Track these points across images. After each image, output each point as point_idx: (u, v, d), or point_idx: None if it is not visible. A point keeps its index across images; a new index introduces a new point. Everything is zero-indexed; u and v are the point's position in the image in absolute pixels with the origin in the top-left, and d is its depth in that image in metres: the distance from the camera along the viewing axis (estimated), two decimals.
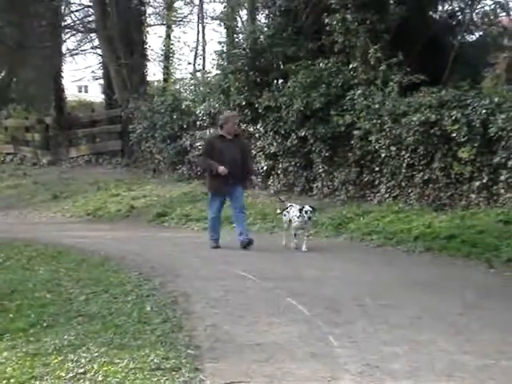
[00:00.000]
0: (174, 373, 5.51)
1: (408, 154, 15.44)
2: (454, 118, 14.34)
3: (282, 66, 19.58)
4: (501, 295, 8.95)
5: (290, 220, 12.50)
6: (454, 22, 20.48)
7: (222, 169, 12.14)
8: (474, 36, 21.44)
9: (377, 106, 16.20)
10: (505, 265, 10.71)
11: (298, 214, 12.25)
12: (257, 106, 19.11)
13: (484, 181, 14.04)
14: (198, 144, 21.53)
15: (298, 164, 18.65)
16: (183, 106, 22.82)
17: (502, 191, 13.73)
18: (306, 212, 12.13)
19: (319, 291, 9.08)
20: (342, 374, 5.68)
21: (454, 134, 14.32)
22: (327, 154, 17.51)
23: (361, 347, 6.48)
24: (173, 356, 5.95)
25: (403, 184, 15.73)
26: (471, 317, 7.71)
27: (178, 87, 26.72)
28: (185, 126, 22.48)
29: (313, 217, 12.45)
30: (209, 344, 6.53)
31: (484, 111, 13.94)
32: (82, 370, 5.59)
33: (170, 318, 7.48)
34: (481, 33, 21.36)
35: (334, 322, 7.46)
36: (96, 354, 6.00)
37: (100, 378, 5.38)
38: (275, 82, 19.93)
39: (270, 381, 5.46)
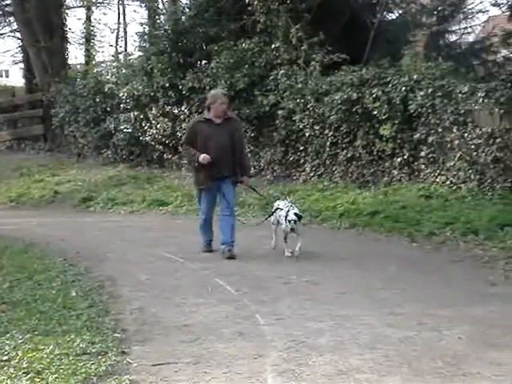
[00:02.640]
0: (100, 357, 5.49)
1: (331, 133, 15.62)
2: (374, 95, 14.56)
3: (204, 47, 19.50)
4: (423, 268, 9.17)
5: (278, 221, 10.36)
6: (373, 1, 20.70)
7: (202, 157, 9.74)
8: (393, 14, 21.74)
9: (300, 85, 16.32)
10: (426, 238, 10.98)
11: (285, 216, 10.00)
12: (181, 87, 19.02)
13: (405, 157, 14.32)
14: (123, 127, 21.33)
15: None
16: (106, 89, 22.51)
17: (423, 167, 14.03)
18: (289, 222, 9.83)
19: (246, 271, 9.15)
20: (269, 350, 5.75)
21: (375, 112, 14.54)
22: (252, 135, 17.58)
23: (287, 324, 6.57)
24: (99, 340, 5.92)
25: (327, 162, 15.92)
26: (394, 290, 7.89)
27: (100, 70, 26.32)
28: (108, 109, 22.19)
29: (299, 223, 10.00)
30: (135, 327, 6.53)
31: (404, 88, 14.19)
32: (5, 358, 5.51)
33: (96, 302, 7.44)
34: (400, 11, 21.66)
35: (261, 300, 7.54)
36: (20, 341, 5.92)
37: (25, 365, 5.32)
38: (198, 63, 19.87)
39: (197, 361, 5.49)
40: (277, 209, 10.26)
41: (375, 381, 5.00)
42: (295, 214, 9.85)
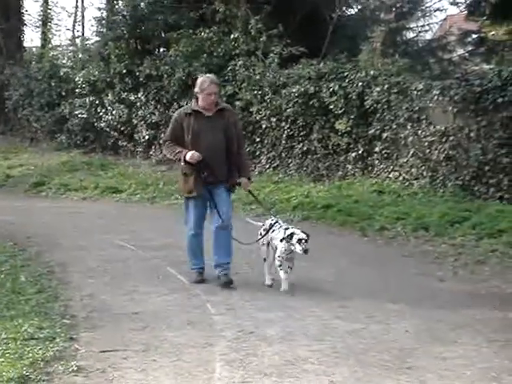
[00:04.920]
0: (48, 342, 5.45)
1: (288, 126, 15.69)
2: (331, 90, 14.65)
3: (163, 35, 19.40)
4: (373, 263, 9.26)
5: (269, 243, 7.96)
6: None
7: (190, 154, 7.71)
8: (352, 10, 21.89)
9: (258, 77, 16.35)
10: (377, 233, 11.09)
11: (283, 238, 7.62)
12: (138, 74, 18.92)
13: (359, 152, 14.45)
14: (78, 112, 21.13)
15: None
16: (61, 73, 22.29)
17: (377, 162, 14.17)
18: (299, 240, 7.43)
19: None
20: (218, 340, 5.77)
21: (332, 106, 14.64)
22: None
23: (237, 314, 6.59)
24: (47, 326, 5.88)
25: (283, 155, 15.98)
26: (344, 283, 7.96)
27: (56, 54, 26.00)
28: (63, 94, 21.98)
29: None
30: (85, 313, 6.49)
31: (360, 84, 14.30)
32: None
33: (46, 288, 7.38)
34: (359, 7, 21.82)
35: (213, 290, 7.55)
36: None
37: None
38: (156, 50, 19.77)
39: (146, 349, 5.49)
40: (270, 227, 7.89)
41: (322, 372, 5.05)
42: (304, 232, 7.59)
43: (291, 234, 7.49)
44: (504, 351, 5.63)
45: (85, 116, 21.05)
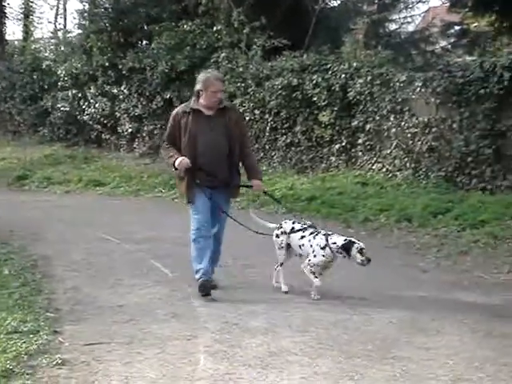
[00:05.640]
0: (31, 336, 5.44)
1: (271, 118, 15.69)
2: (314, 82, 14.66)
3: (145, 27, 19.34)
4: None
5: (289, 246, 7.42)
6: None
7: (179, 161, 7.05)
8: (335, 1, 21.92)
9: (241, 69, 16.33)
10: (361, 224, 11.13)
11: (326, 245, 7.06)
12: (120, 66, 18.86)
13: (343, 144, 14.47)
14: (60, 105, 21.04)
15: (164, 127, 18.50)
16: (44, 66, 22.17)
17: (360, 154, 14.20)
18: (361, 250, 6.93)
19: (183, 253, 9.08)
20: (202, 332, 5.78)
21: (315, 98, 14.65)
22: None
23: (221, 306, 6.61)
24: (31, 319, 5.87)
25: (267, 147, 15.99)
26: (327, 275, 7.96)
27: (38, 47, 25.86)
28: (46, 87, 21.88)
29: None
30: (69, 307, 6.48)
31: (343, 76, 14.31)
32: None
33: (29, 281, 7.36)
34: None
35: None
36: None
37: None
38: (139, 43, 19.71)
39: (130, 341, 5.49)
40: (292, 230, 7.34)
41: (306, 363, 5.07)
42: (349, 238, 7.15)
43: (351, 243, 6.97)
44: (487, 341, 5.68)
45: (67, 109, 20.98)
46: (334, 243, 6.99)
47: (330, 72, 14.59)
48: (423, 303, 6.82)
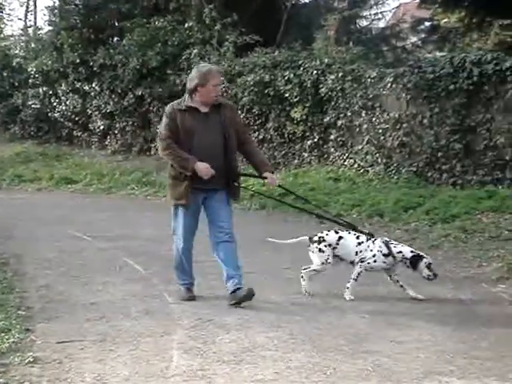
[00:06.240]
0: (3, 334, 5.39)
1: (244, 114, 15.69)
2: (286, 78, 14.70)
3: (116, 24, 19.26)
4: None
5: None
6: None
7: (202, 168, 6.51)
8: None
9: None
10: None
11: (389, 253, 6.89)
12: (91, 63, 18.76)
13: (315, 140, 14.54)
14: (31, 103, 20.89)
15: (136, 124, 18.53)
16: (14, 64, 22.00)
17: (332, 150, 14.28)
18: (429, 265, 6.88)
19: (156, 250, 9.12)
20: (176, 328, 5.78)
21: (287, 95, 14.69)
22: None
23: (195, 303, 6.61)
24: (2, 317, 5.81)
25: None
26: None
27: (8, 44, 25.64)
28: (16, 84, 21.71)
29: None
30: (41, 305, 6.45)
31: (315, 72, 14.37)
32: None
33: (1, 279, 7.30)
34: None
35: (170, 279, 7.53)
36: None
37: None
38: (110, 39, 19.62)
39: (103, 339, 5.47)
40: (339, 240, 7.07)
41: (279, 357, 5.09)
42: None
43: (419, 257, 6.88)
44: (457, 334, 5.73)
45: (38, 106, 20.84)
46: (400, 252, 6.90)
47: (301, 68, 14.64)
48: (395, 297, 6.87)
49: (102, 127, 19.32)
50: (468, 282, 7.62)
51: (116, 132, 19.11)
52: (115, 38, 19.78)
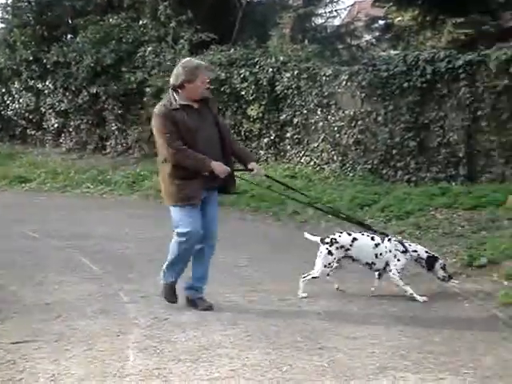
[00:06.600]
0: None
1: None
2: (242, 76, 14.71)
3: (70, 21, 19.06)
4: (285, 246, 9.37)
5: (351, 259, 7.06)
6: None
7: (217, 166, 6.24)
8: None
9: (168, 63, 16.23)
10: (289, 217, 11.24)
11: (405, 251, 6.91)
12: (45, 61, 18.55)
13: (272, 138, 14.58)
14: None
15: (91, 121, 18.38)
16: None
17: (288, 147, 14.33)
18: (444, 266, 7.03)
19: (112, 249, 9.08)
20: (132, 328, 5.76)
21: (243, 92, 14.70)
22: (120, 112, 17.39)
23: (151, 302, 6.59)
24: None
25: None
26: (257, 268, 8.04)
27: None
28: None
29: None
30: None
31: (271, 70, 14.40)
32: None
33: None
34: None
35: (126, 278, 7.52)
36: None
37: None
38: (64, 36, 19.42)
39: (58, 338, 5.43)
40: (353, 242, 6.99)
41: (235, 355, 5.11)
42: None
43: (434, 258, 6.97)
44: (412, 329, 5.80)
45: None
46: (415, 251, 6.95)
47: (257, 66, 14.66)
48: (350, 293, 6.93)
49: (56, 125, 19.13)
50: (422, 278, 7.69)
51: (70, 130, 18.93)
52: (69, 36, 19.57)
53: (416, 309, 6.44)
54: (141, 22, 17.54)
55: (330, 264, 6.93)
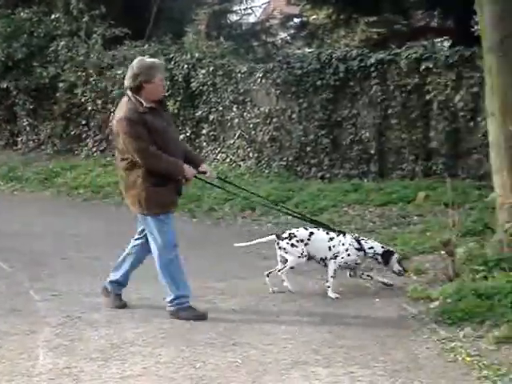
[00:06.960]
0: None
1: (114, 108, 15.41)
2: None
3: None
4: (201, 243, 9.36)
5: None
6: None
7: (187, 169, 6.05)
8: None
9: (81, 58, 16.01)
10: (206, 214, 11.25)
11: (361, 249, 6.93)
12: None
13: (187, 134, 14.51)
14: None
15: (1, 117, 17.92)
16: None
17: (204, 144, 14.30)
18: (400, 260, 7.13)
19: (22, 246, 8.88)
20: (42, 326, 5.67)
21: None
22: (32, 107, 17.01)
23: (63, 300, 6.49)
24: None
25: (110, 137, 15.75)
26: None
27: None
28: None
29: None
30: None
31: (186, 66, 14.35)
32: None
33: None
34: None
35: (37, 276, 7.39)
36: None
37: None
38: None
39: None
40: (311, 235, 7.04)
41: (148, 353, 5.09)
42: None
43: (390, 252, 7.02)
44: (324, 325, 5.89)
45: None
46: (371, 248, 6.96)
47: (172, 62, 14.58)
48: (264, 290, 6.96)
49: None
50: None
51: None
52: None
53: (329, 304, 6.53)
54: (53, 16, 17.15)
55: (302, 254, 6.90)
